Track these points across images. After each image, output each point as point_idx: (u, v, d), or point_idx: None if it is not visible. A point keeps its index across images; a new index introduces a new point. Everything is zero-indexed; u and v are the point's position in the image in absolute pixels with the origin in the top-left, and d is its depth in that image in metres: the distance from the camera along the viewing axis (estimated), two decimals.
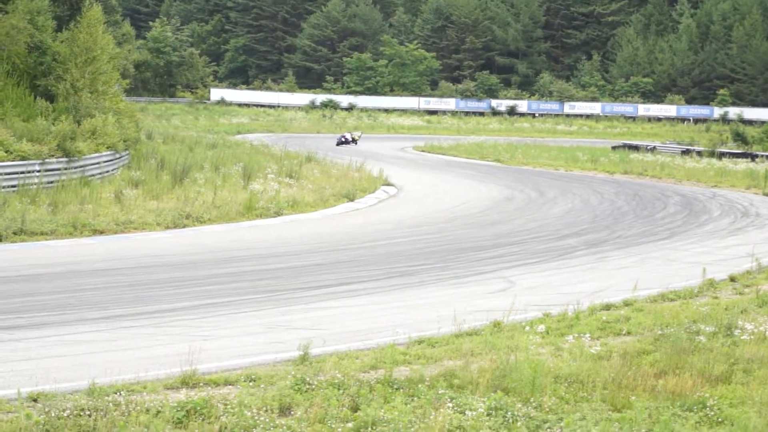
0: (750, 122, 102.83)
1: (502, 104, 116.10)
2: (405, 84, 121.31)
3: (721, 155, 62.27)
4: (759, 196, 42.13)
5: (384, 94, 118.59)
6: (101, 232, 25.91)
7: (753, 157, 61.08)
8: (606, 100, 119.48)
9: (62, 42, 40.10)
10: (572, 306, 16.89)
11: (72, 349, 13.79)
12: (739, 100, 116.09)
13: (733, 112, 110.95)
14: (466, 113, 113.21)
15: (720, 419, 11.43)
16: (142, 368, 12.52)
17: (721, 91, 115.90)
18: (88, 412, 10.50)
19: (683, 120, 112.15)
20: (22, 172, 29.79)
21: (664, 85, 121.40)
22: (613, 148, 70.00)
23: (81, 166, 32.71)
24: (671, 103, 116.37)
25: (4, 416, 10.69)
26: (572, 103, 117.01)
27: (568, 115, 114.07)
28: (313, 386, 11.81)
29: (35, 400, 11.15)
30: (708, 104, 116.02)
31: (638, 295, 18.65)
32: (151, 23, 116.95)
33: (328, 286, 19.37)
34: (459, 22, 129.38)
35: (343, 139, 68.82)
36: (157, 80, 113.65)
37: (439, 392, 11.65)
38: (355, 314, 16.90)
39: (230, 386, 12.20)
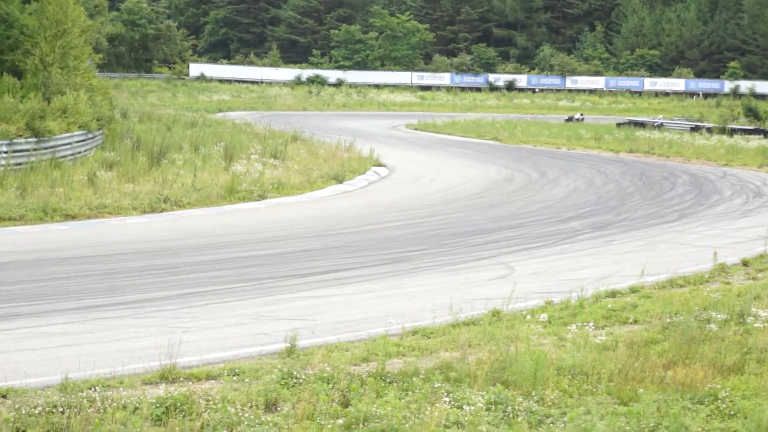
0: (762, 96, 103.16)
1: (500, 79, 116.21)
2: (397, 58, 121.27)
3: (732, 132, 62.29)
4: None
5: (374, 68, 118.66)
6: (74, 217, 25.84)
7: (766, 133, 61.16)
8: (610, 74, 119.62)
9: (30, 14, 39.97)
10: (576, 293, 16.92)
11: (43, 341, 13.75)
12: (751, 73, 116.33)
13: (744, 85, 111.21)
14: (462, 89, 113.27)
15: (732, 412, 11.44)
16: (119, 362, 12.50)
17: (732, 64, 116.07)
18: (60, 409, 10.48)
19: (692, 95, 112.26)
20: None
21: (672, 57, 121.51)
22: (618, 125, 70.05)
23: (51, 147, 32.61)
24: (679, 76, 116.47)
25: None
26: (574, 78, 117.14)
27: (570, 90, 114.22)
28: (301, 380, 11.80)
29: (4, 396, 11.12)
30: (718, 78, 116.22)
31: (645, 281, 18.68)
32: None
33: (316, 273, 19.36)
34: None
35: None
36: (132, 55, 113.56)
37: (435, 386, 11.64)
38: (346, 303, 16.89)
39: (212, 381, 12.18)
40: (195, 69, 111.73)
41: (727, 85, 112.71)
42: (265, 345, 13.77)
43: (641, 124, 69.26)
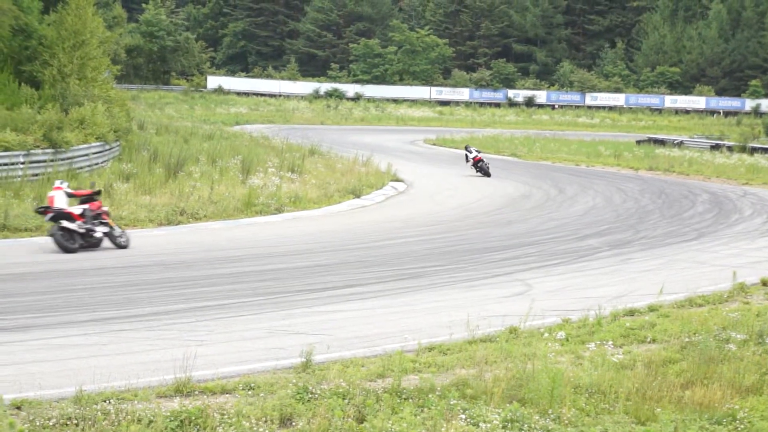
0: None
1: (519, 95, 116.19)
2: (415, 72, 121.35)
3: (753, 150, 62.20)
4: None
5: (393, 83, 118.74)
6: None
7: None
8: (630, 91, 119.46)
9: (49, 25, 40.14)
10: (593, 311, 16.87)
11: (58, 353, 13.79)
12: None
13: (765, 104, 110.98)
14: (481, 104, 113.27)
15: None
16: (133, 375, 12.52)
17: (753, 82, 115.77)
18: (75, 421, 10.50)
19: (713, 113, 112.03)
20: (6, 164, 29.82)
21: (693, 75, 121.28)
22: (638, 142, 69.99)
23: (68, 158, 32.74)
24: (700, 94, 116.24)
25: None
26: (594, 94, 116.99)
27: (589, 107, 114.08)
28: (316, 395, 11.80)
29: (19, 408, 11.15)
30: (739, 96, 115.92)
31: (664, 300, 18.64)
32: (144, 5, 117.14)
33: (332, 288, 19.37)
34: (474, 7, 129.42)
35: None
36: (150, 66, 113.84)
37: (451, 403, 11.63)
38: (362, 318, 16.89)
39: (227, 395, 12.20)
40: (213, 81, 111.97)
41: (748, 104, 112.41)
42: (280, 359, 13.77)
43: (661, 142, 69.14)
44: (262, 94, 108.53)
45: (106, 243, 23.52)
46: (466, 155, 47.89)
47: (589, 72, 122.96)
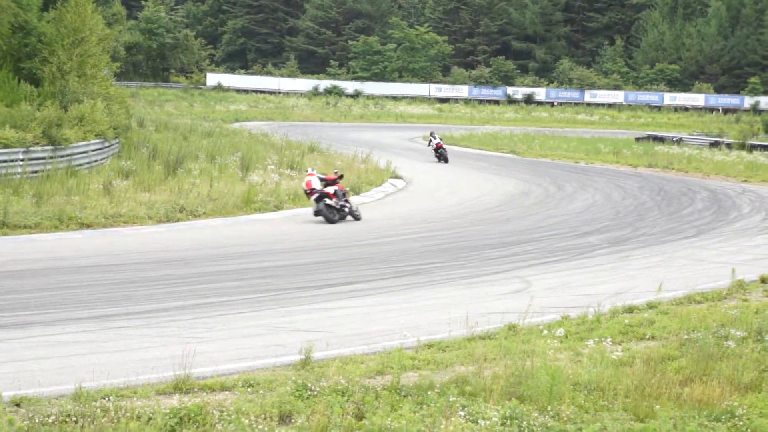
0: None
1: (518, 92, 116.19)
2: (415, 70, 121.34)
3: (752, 148, 62.20)
4: None
5: (392, 80, 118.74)
6: (89, 226, 25.93)
7: None
8: (629, 88, 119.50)
9: (48, 22, 40.13)
10: (592, 308, 16.87)
11: (57, 350, 13.79)
12: None
13: (764, 101, 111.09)
14: (480, 101, 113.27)
15: (749, 430, 11.41)
16: (133, 372, 12.52)
17: (752, 79, 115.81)
18: (74, 419, 10.50)
19: (712, 110, 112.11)
20: (5, 161, 29.82)
21: (692, 72, 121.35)
22: (637, 139, 69.95)
23: (68, 155, 32.74)
24: (699, 91, 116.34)
25: None
26: (593, 92, 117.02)
27: (588, 104, 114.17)
28: (315, 392, 11.80)
29: (18, 405, 11.15)
30: (738, 93, 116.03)
31: (663, 297, 18.63)
32: (143, 2, 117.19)
33: (331, 285, 19.37)
34: (473, 4, 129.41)
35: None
36: (150, 64, 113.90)
37: (450, 400, 11.64)
38: (361, 316, 16.89)
39: (226, 392, 12.20)
40: (212, 78, 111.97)
41: (747, 101, 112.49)
42: (279, 356, 13.78)
43: (660, 139, 69.15)
44: (261, 92, 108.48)
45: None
46: (430, 140, 52.10)
47: (589, 69, 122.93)
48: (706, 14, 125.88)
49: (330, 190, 29.28)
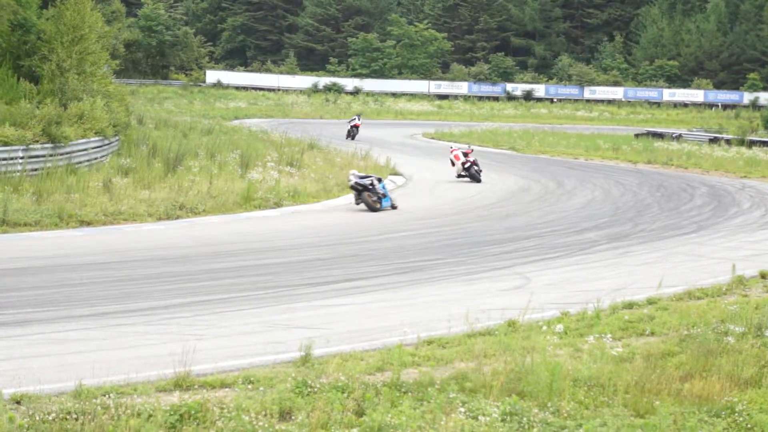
0: None
1: (517, 88, 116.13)
2: (414, 66, 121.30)
3: (752, 143, 62.17)
4: None
5: (392, 77, 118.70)
6: (89, 224, 25.93)
7: None
8: (629, 85, 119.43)
9: (48, 19, 40.15)
10: (592, 304, 16.85)
11: (58, 348, 13.78)
12: None
13: (764, 97, 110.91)
14: (480, 98, 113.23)
15: (749, 425, 11.40)
16: (133, 369, 12.51)
17: (752, 75, 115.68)
18: (74, 416, 10.49)
19: (711, 106, 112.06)
20: (5, 159, 29.81)
21: (691, 68, 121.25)
22: (636, 135, 69.98)
23: (67, 153, 32.73)
24: (698, 87, 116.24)
25: None
26: (593, 88, 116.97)
27: (588, 101, 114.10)
28: (316, 389, 11.79)
29: (18, 402, 11.14)
30: (737, 89, 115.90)
31: (663, 293, 18.62)
32: (142, 0, 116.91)
33: (331, 282, 19.36)
34: (472, 1, 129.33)
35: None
36: (149, 61, 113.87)
37: (450, 396, 11.63)
38: (361, 312, 16.89)
39: (227, 389, 12.19)
40: (211, 76, 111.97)
41: (747, 97, 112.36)
42: (279, 353, 13.76)
43: (660, 135, 69.14)
44: (260, 89, 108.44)
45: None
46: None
47: (588, 65, 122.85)
48: (705, 10, 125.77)
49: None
